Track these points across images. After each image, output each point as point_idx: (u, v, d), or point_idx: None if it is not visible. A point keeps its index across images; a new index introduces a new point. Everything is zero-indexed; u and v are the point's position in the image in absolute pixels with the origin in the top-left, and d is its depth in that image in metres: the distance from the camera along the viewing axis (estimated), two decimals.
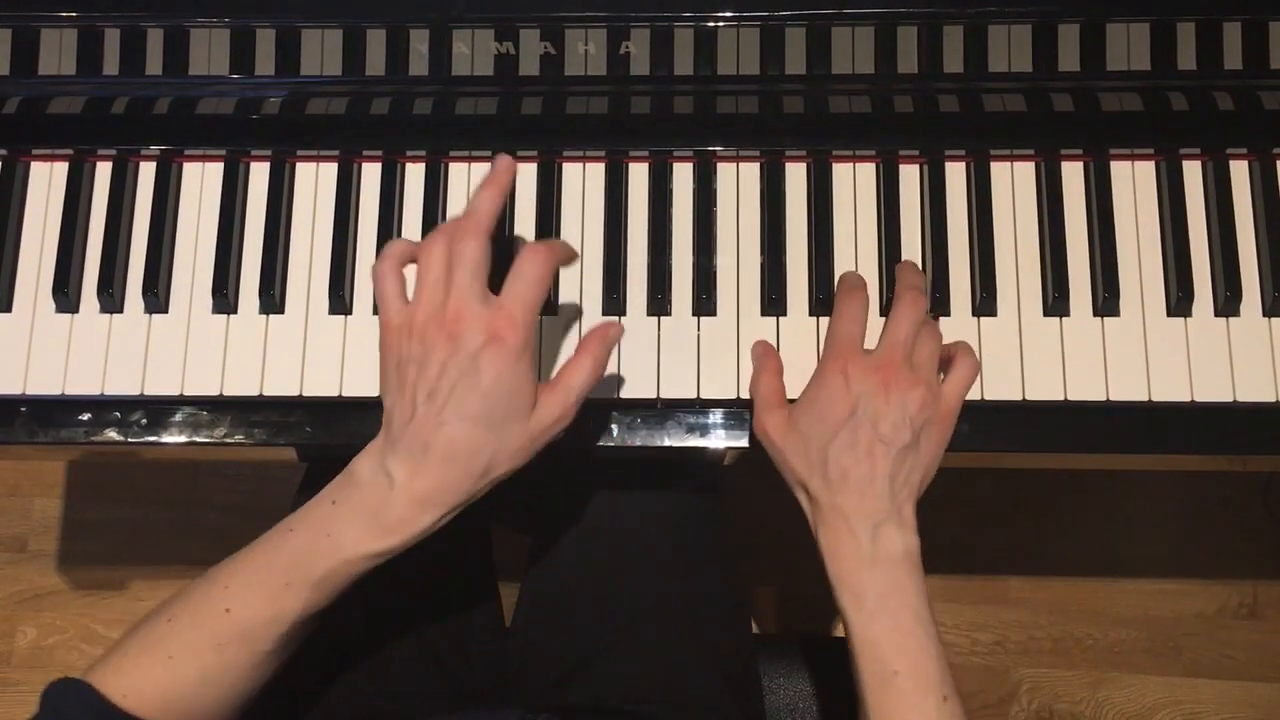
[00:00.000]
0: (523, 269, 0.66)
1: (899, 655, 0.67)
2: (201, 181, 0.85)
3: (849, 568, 0.70)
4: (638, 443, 0.81)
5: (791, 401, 0.76)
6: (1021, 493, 1.60)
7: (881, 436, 0.69)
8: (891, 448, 0.69)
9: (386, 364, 0.67)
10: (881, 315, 0.82)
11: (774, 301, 0.81)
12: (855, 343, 0.73)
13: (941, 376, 0.74)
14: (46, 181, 0.85)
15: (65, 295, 0.82)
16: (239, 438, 0.81)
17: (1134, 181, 0.84)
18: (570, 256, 0.73)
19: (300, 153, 0.85)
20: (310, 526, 0.68)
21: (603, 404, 0.81)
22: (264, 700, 0.82)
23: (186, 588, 0.69)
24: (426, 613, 0.91)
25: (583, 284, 0.83)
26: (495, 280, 0.68)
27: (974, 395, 0.78)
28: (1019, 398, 0.80)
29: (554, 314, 0.82)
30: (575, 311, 0.82)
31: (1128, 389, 0.80)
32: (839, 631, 1.59)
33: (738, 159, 0.85)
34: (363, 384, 0.81)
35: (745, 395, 0.80)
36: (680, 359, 0.81)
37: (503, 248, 0.83)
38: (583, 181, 0.85)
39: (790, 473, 0.73)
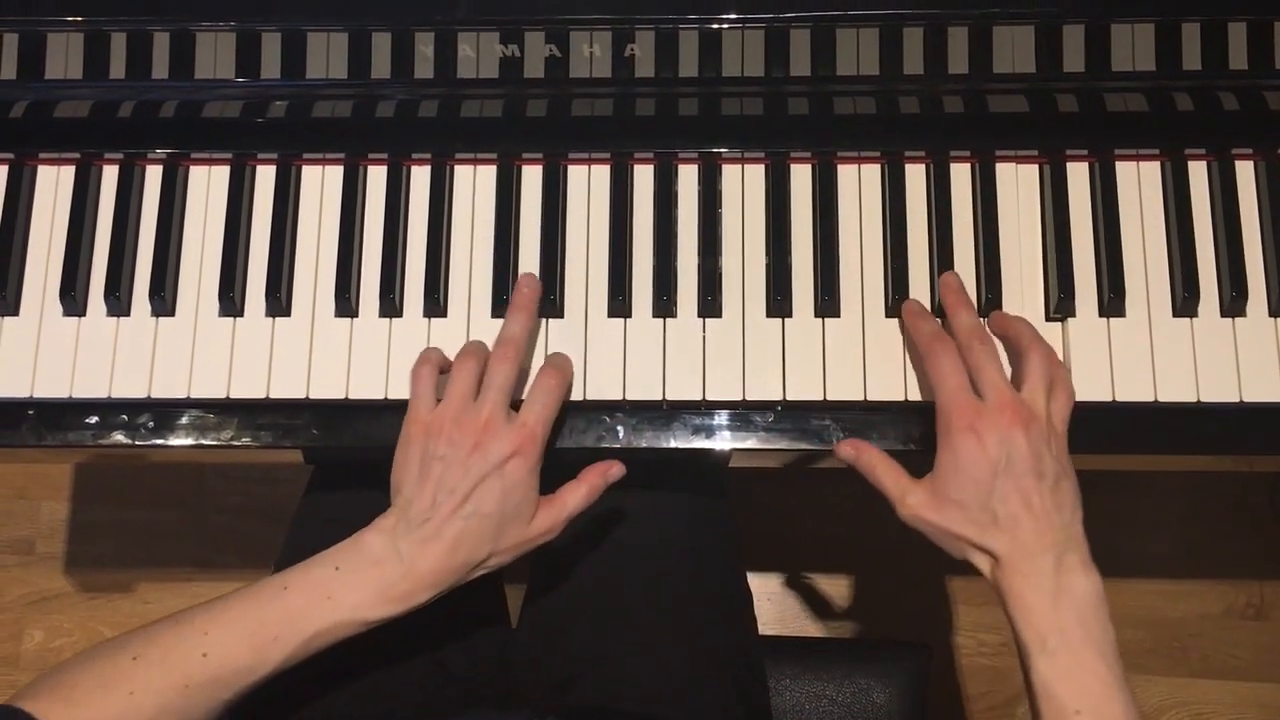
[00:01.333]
0: (540, 394, 0.75)
1: (1079, 695, 0.66)
2: (208, 185, 0.85)
3: (1032, 605, 0.68)
4: (643, 444, 0.81)
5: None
6: None
7: (1032, 472, 0.70)
8: (1045, 481, 0.70)
9: (409, 454, 0.74)
10: (888, 317, 0.82)
11: (779, 303, 0.81)
12: (968, 396, 0.72)
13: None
14: (54, 185, 0.85)
15: (72, 298, 0.82)
16: (246, 440, 0.82)
17: (1139, 182, 0.84)
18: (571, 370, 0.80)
19: (306, 156, 0.85)
20: (310, 587, 0.72)
21: (608, 406, 0.81)
22: (267, 704, 0.82)
23: (150, 628, 0.71)
24: (432, 615, 0.90)
25: (588, 286, 0.83)
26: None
27: None
28: None
29: (560, 316, 0.82)
30: (581, 313, 0.82)
31: (1133, 389, 0.80)
32: (844, 633, 1.59)
33: (743, 160, 0.85)
34: (369, 386, 0.81)
35: (750, 397, 0.80)
36: (685, 361, 0.81)
37: (505, 248, 0.83)
38: (588, 183, 0.85)
39: (960, 541, 0.72)
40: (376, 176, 0.85)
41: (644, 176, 0.85)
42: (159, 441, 0.82)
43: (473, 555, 0.73)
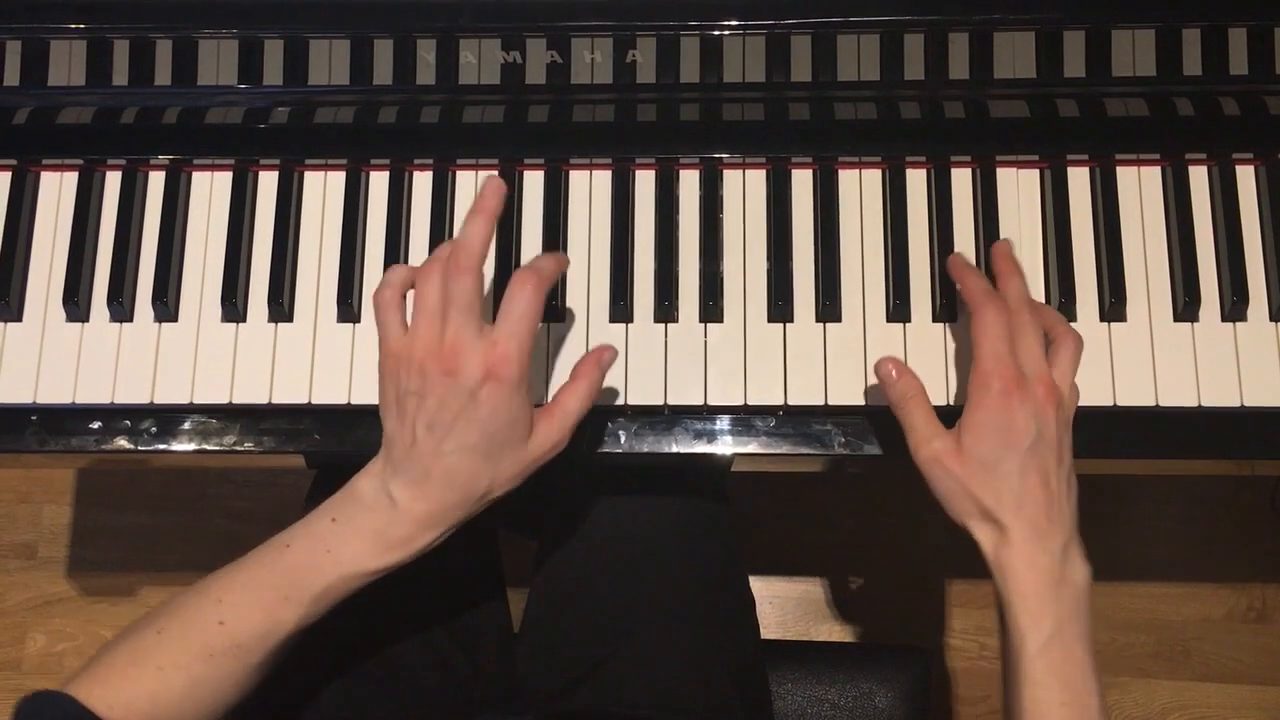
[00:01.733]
0: (512, 304, 0.68)
1: (1065, 687, 0.66)
2: (210, 191, 0.85)
3: (1034, 590, 0.67)
4: (645, 449, 0.81)
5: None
6: None
7: (1056, 456, 0.69)
8: (1064, 467, 0.69)
9: (386, 391, 0.70)
10: (890, 322, 0.82)
11: (780, 308, 0.82)
12: (1013, 360, 0.69)
13: None
14: (57, 191, 0.86)
15: (75, 304, 0.82)
16: (248, 445, 0.82)
17: (1140, 187, 0.84)
18: (562, 265, 0.73)
19: (308, 162, 0.85)
20: (309, 542, 0.70)
21: (610, 411, 0.81)
22: (270, 706, 0.82)
23: (173, 600, 0.70)
24: (435, 619, 0.91)
25: (590, 291, 0.83)
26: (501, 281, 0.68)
27: None
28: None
29: (560, 320, 0.82)
30: (582, 318, 0.82)
31: (1134, 394, 0.80)
32: (846, 637, 1.59)
33: (744, 166, 0.85)
34: (371, 392, 0.81)
35: (751, 402, 0.80)
36: (687, 366, 0.81)
37: (507, 254, 0.83)
38: (589, 189, 0.85)
39: (972, 502, 0.69)
40: (379, 182, 0.85)
41: (645, 182, 0.85)
42: (162, 447, 0.82)
43: (470, 490, 0.68)
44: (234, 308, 0.82)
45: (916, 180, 0.84)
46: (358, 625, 0.77)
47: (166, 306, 0.82)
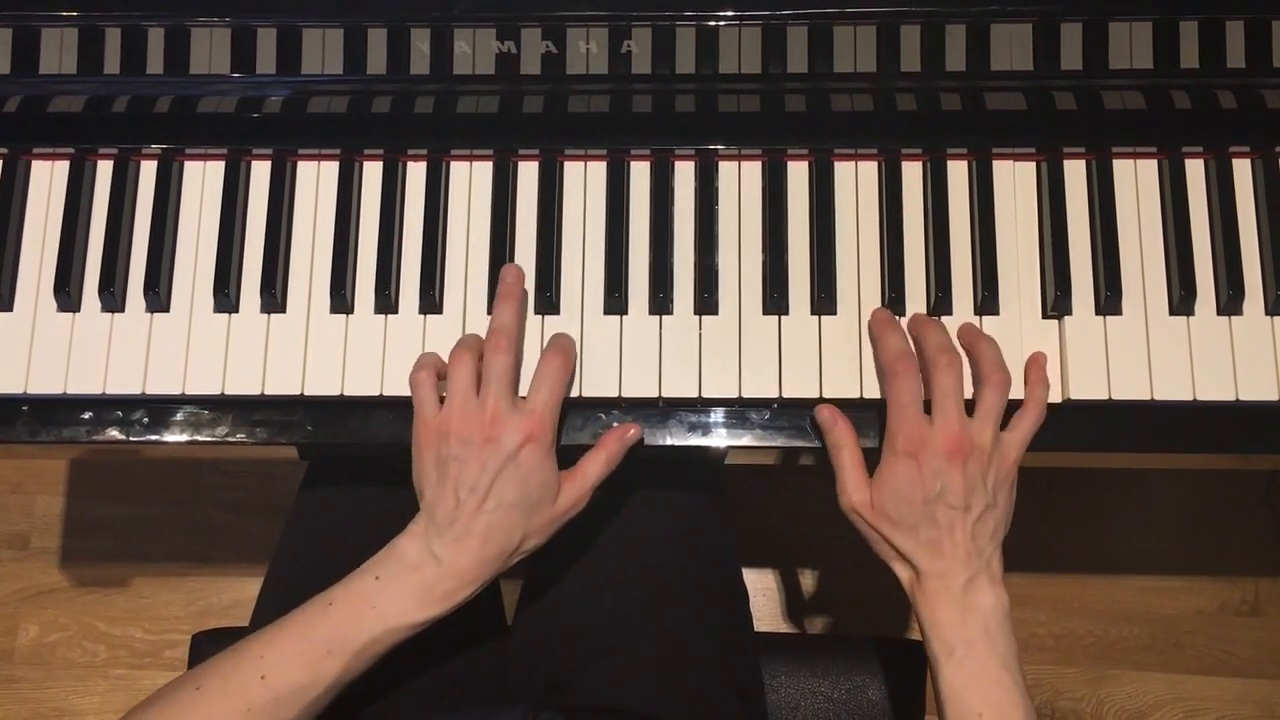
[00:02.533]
0: (544, 379, 0.76)
1: (984, 700, 0.72)
2: (203, 180, 0.85)
3: (941, 619, 0.74)
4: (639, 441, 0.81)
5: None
6: (1023, 490, 1.59)
7: (961, 506, 0.74)
8: (971, 514, 0.74)
9: (424, 460, 0.75)
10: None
11: (776, 300, 0.81)
12: (919, 421, 0.75)
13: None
14: (48, 180, 0.85)
15: (67, 294, 0.82)
16: (241, 437, 0.81)
17: (1136, 180, 0.84)
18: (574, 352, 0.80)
19: (302, 151, 0.85)
20: (353, 600, 0.74)
21: (604, 403, 0.81)
22: None
23: (211, 661, 0.74)
24: None
25: (584, 283, 0.83)
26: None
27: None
28: (1020, 397, 0.79)
29: (556, 313, 0.82)
30: (577, 310, 0.82)
31: (1130, 388, 0.80)
32: (840, 629, 1.59)
33: (739, 157, 0.84)
34: (364, 383, 0.81)
35: (746, 395, 0.80)
36: (682, 358, 0.81)
37: (501, 245, 0.83)
38: (584, 180, 0.85)
39: (885, 549, 0.78)
40: (372, 172, 0.85)
41: (641, 173, 0.85)
42: (154, 438, 0.81)
43: (506, 544, 0.75)
44: (226, 298, 0.82)
45: (912, 172, 0.84)
46: None
47: (158, 297, 0.82)
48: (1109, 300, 0.81)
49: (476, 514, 0.74)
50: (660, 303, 0.82)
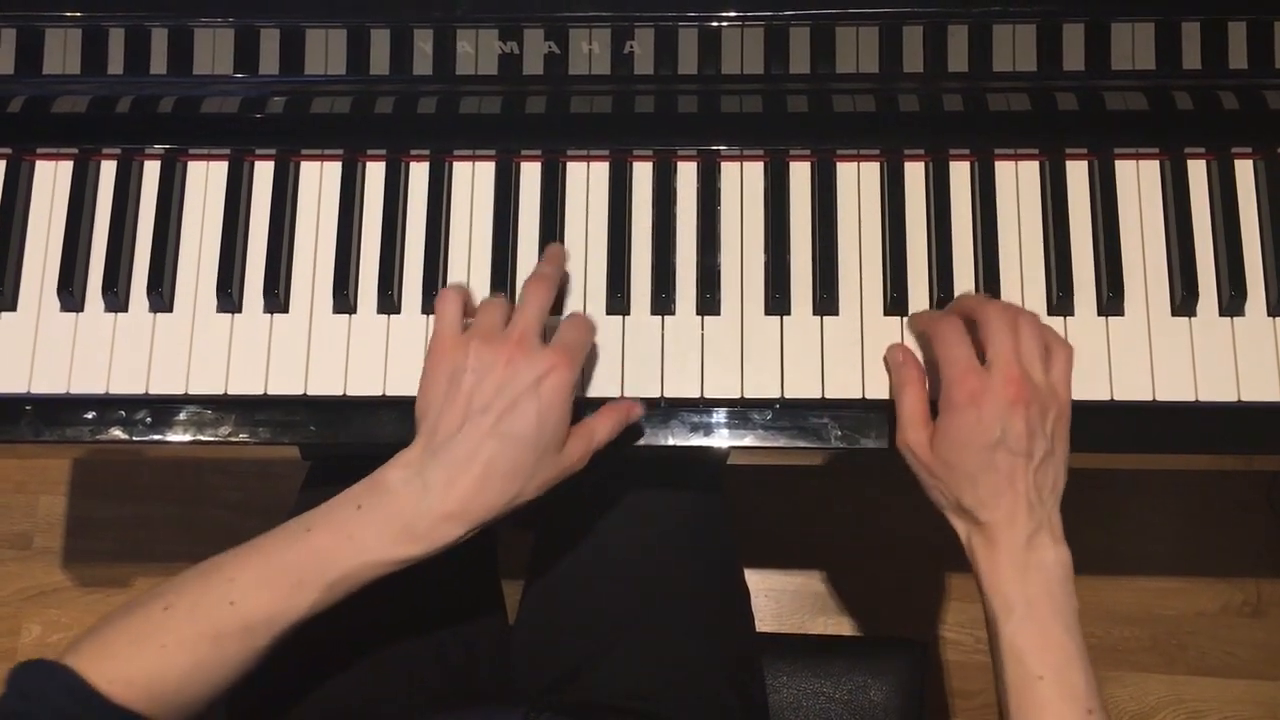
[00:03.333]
0: (572, 324, 0.74)
1: (1044, 662, 0.69)
2: (206, 180, 0.85)
3: (1003, 576, 0.71)
4: (641, 442, 0.81)
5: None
6: None
7: (1023, 452, 0.71)
8: (1033, 460, 0.71)
9: (436, 373, 0.71)
10: (887, 315, 0.82)
11: (778, 300, 0.81)
12: (973, 366, 0.72)
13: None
14: (51, 180, 0.85)
15: (70, 294, 0.82)
16: (243, 437, 0.82)
17: (1139, 180, 0.84)
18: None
19: (305, 152, 0.85)
20: (331, 528, 0.69)
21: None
22: (267, 697, 0.82)
23: (183, 577, 0.69)
24: (430, 610, 0.91)
25: (587, 283, 0.83)
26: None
27: None
28: None
29: (558, 313, 0.82)
30: (579, 310, 0.82)
31: (1132, 388, 0.80)
32: (842, 629, 1.59)
33: (742, 158, 0.85)
34: (367, 383, 0.81)
35: (748, 395, 0.80)
36: (684, 358, 0.81)
37: (503, 246, 0.83)
38: (587, 180, 0.85)
39: (939, 494, 0.74)
40: (375, 173, 0.85)
41: (643, 173, 0.85)
42: (157, 437, 0.82)
43: (506, 485, 0.69)
44: (229, 298, 0.82)
45: (915, 173, 0.84)
46: (354, 616, 0.77)
47: (161, 297, 0.82)
48: (1111, 301, 0.81)
49: (485, 436, 0.68)
50: (662, 303, 0.82)
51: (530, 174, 0.85)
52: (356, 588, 0.69)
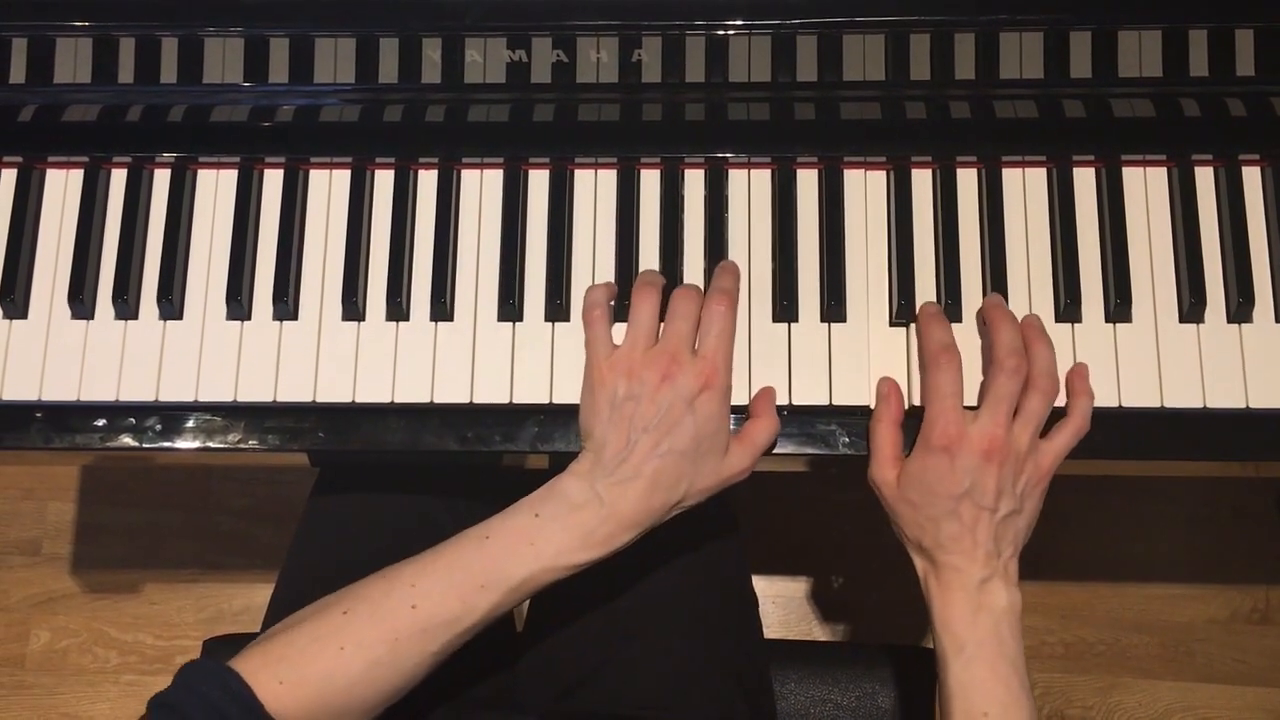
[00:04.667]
0: (711, 324, 0.75)
1: (990, 700, 0.72)
2: (216, 188, 0.85)
3: (954, 615, 0.74)
4: None
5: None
6: None
7: (989, 507, 0.73)
8: (997, 515, 0.74)
9: (596, 398, 0.75)
10: (892, 325, 0.82)
11: (785, 308, 0.82)
12: (957, 415, 0.74)
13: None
14: (62, 189, 0.86)
15: (81, 302, 0.83)
16: (253, 443, 0.82)
17: (1146, 188, 0.84)
18: (739, 277, 0.80)
19: (314, 160, 0.85)
20: (510, 535, 0.73)
21: None
22: None
23: (359, 585, 0.73)
24: None
25: None
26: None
27: None
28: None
29: (566, 320, 0.82)
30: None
31: (1140, 395, 0.80)
32: (850, 637, 1.59)
33: (749, 165, 0.85)
34: (376, 390, 0.81)
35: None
36: None
37: (511, 254, 0.83)
38: (595, 188, 0.85)
39: (900, 530, 0.77)
40: (384, 181, 0.85)
41: (650, 181, 0.85)
42: (166, 444, 0.82)
43: (671, 494, 0.73)
44: (239, 306, 0.82)
45: (922, 180, 0.84)
46: None
47: (171, 304, 0.83)
48: (1119, 308, 0.81)
49: (648, 457, 0.72)
50: None
51: (538, 182, 0.85)
52: (535, 591, 0.73)
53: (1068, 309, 0.81)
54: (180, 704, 0.66)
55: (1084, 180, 0.84)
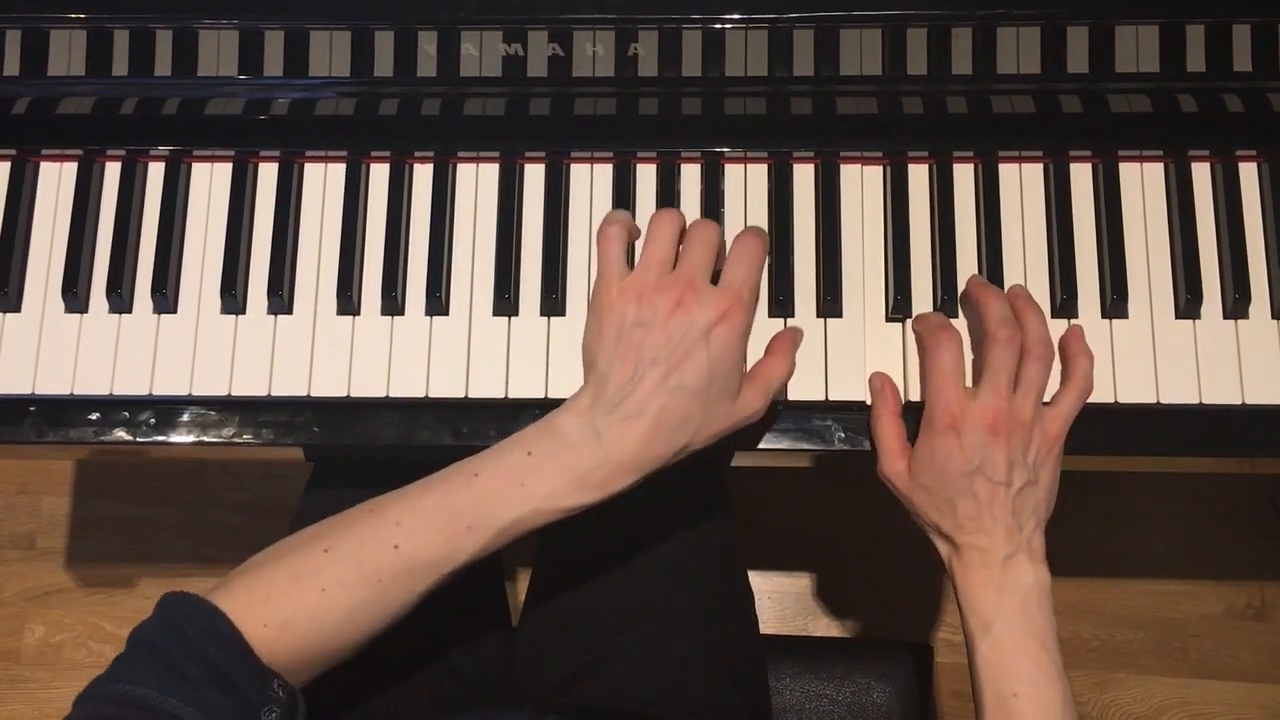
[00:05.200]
0: (741, 254, 0.71)
1: (1020, 679, 0.70)
2: (210, 182, 0.85)
3: (980, 595, 0.72)
4: None
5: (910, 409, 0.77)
6: None
7: (1002, 481, 0.72)
8: (1012, 489, 0.72)
9: (604, 324, 0.69)
10: (889, 320, 0.82)
11: (781, 303, 0.81)
12: (959, 392, 0.73)
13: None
14: (56, 181, 0.85)
15: (74, 295, 0.82)
16: (247, 438, 0.82)
17: (1143, 183, 0.84)
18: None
19: (309, 153, 0.85)
20: (501, 473, 0.68)
21: None
22: None
23: (343, 519, 0.69)
24: (434, 612, 0.91)
25: (590, 284, 0.82)
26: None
27: None
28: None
29: (562, 315, 0.82)
30: (583, 312, 0.82)
31: (1136, 391, 0.80)
32: (845, 632, 1.59)
33: (745, 160, 0.85)
34: (370, 385, 0.81)
35: None
36: None
37: (506, 247, 0.83)
38: (590, 182, 0.85)
39: (919, 518, 0.76)
40: (379, 174, 0.85)
41: (647, 175, 0.85)
42: (160, 439, 0.82)
43: (676, 436, 0.68)
44: (233, 299, 0.82)
45: (919, 175, 0.84)
46: None
47: (165, 298, 0.82)
48: (1115, 304, 0.81)
49: (655, 392, 0.67)
50: None
51: (534, 175, 0.85)
52: (525, 533, 0.69)
53: (1064, 304, 0.81)
54: (165, 649, 0.62)
55: (1080, 175, 0.84)
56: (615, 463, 0.67)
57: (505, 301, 0.82)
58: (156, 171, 0.85)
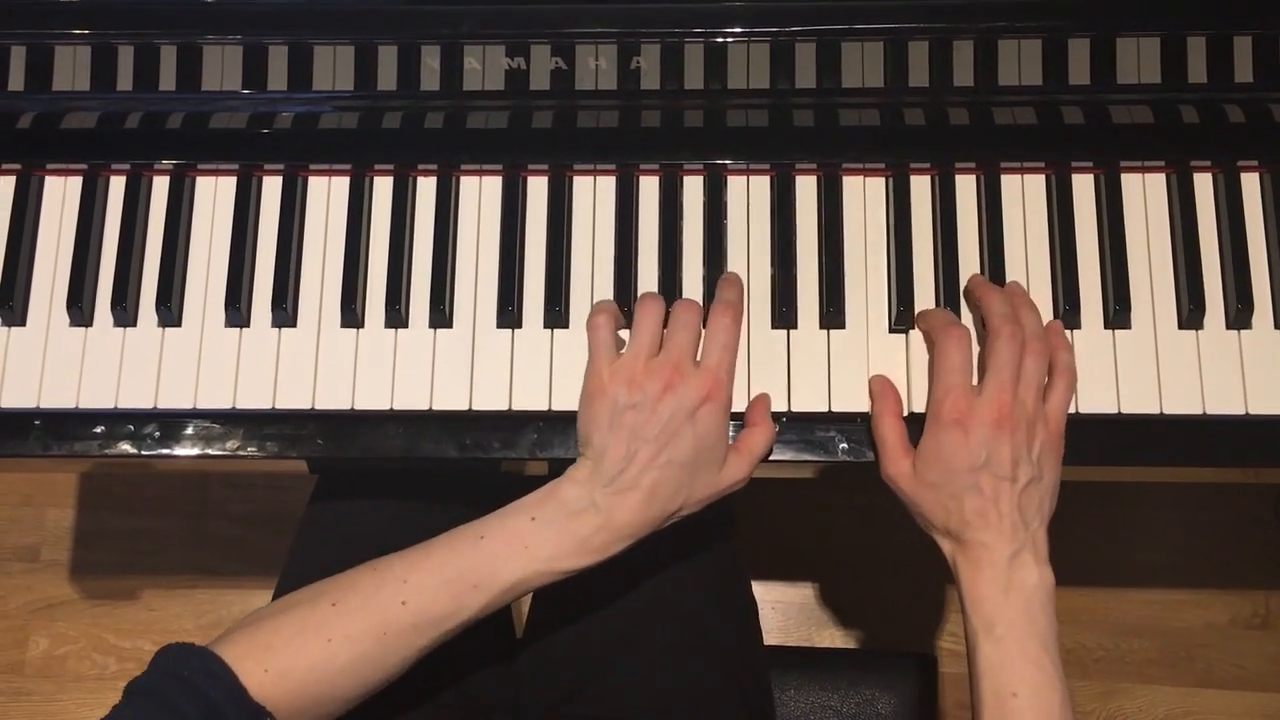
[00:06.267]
0: (716, 335, 0.75)
1: (1020, 680, 0.71)
2: (214, 195, 0.85)
3: (984, 594, 0.73)
4: None
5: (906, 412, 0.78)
6: None
7: (1008, 476, 0.73)
8: (1018, 484, 0.73)
9: (597, 406, 0.74)
10: (892, 332, 0.82)
11: (784, 314, 0.81)
12: (965, 389, 0.74)
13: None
14: (61, 195, 0.86)
15: (79, 309, 0.82)
16: (251, 450, 0.82)
17: (1145, 194, 0.84)
18: (742, 290, 0.81)
19: (313, 167, 0.85)
20: (505, 537, 0.73)
21: None
22: None
23: (345, 576, 0.73)
24: None
25: (594, 296, 0.83)
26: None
27: None
28: None
29: (565, 327, 0.82)
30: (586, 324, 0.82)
31: (1139, 401, 0.80)
32: (849, 643, 1.59)
33: (748, 172, 0.85)
34: (374, 398, 0.81)
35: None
36: None
37: (510, 259, 0.83)
38: (593, 194, 0.85)
39: (924, 519, 0.76)
40: (382, 187, 0.85)
41: (649, 187, 0.85)
42: (165, 451, 0.82)
43: (668, 505, 0.73)
44: (238, 313, 0.82)
45: (921, 187, 0.84)
46: None
47: (170, 311, 0.82)
48: (1118, 314, 0.81)
49: (647, 467, 0.72)
50: None
51: (537, 188, 0.85)
52: (525, 592, 0.73)
53: (1067, 315, 0.81)
54: (159, 689, 0.65)
55: (1083, 186, 0.84)
56: (613, 529, 0.73)
57: (509, 314, 0.82)
58: (161, 185, 0.86)
